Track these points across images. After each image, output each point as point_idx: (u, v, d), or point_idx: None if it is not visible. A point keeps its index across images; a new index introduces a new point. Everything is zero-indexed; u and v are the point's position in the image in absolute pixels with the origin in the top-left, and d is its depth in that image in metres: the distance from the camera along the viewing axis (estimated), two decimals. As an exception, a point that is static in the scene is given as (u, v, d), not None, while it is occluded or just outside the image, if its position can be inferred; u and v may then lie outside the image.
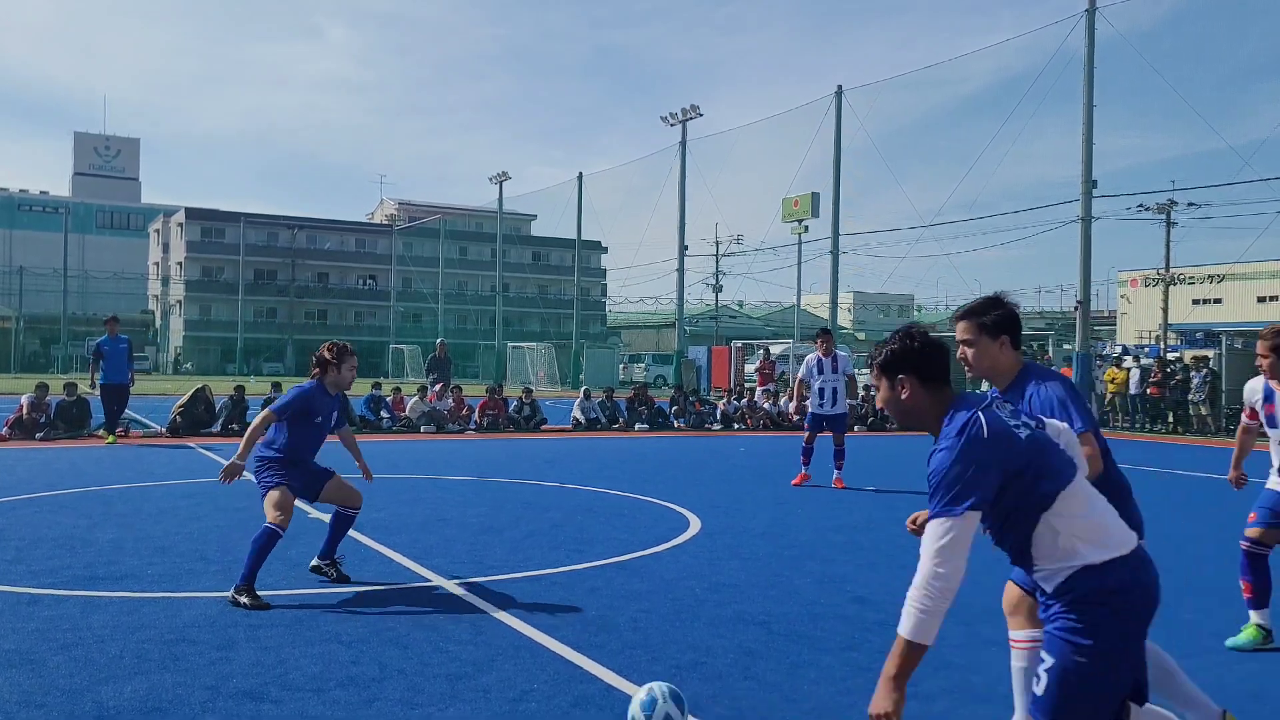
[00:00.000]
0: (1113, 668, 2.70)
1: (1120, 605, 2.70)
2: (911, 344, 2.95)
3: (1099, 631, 2.68)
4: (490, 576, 6.55)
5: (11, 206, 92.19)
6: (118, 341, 16.08)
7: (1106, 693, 2.72)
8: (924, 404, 2.94)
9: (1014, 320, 3.66)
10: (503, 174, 56.41)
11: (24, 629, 5.06)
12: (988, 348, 3.61)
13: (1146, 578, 2.78)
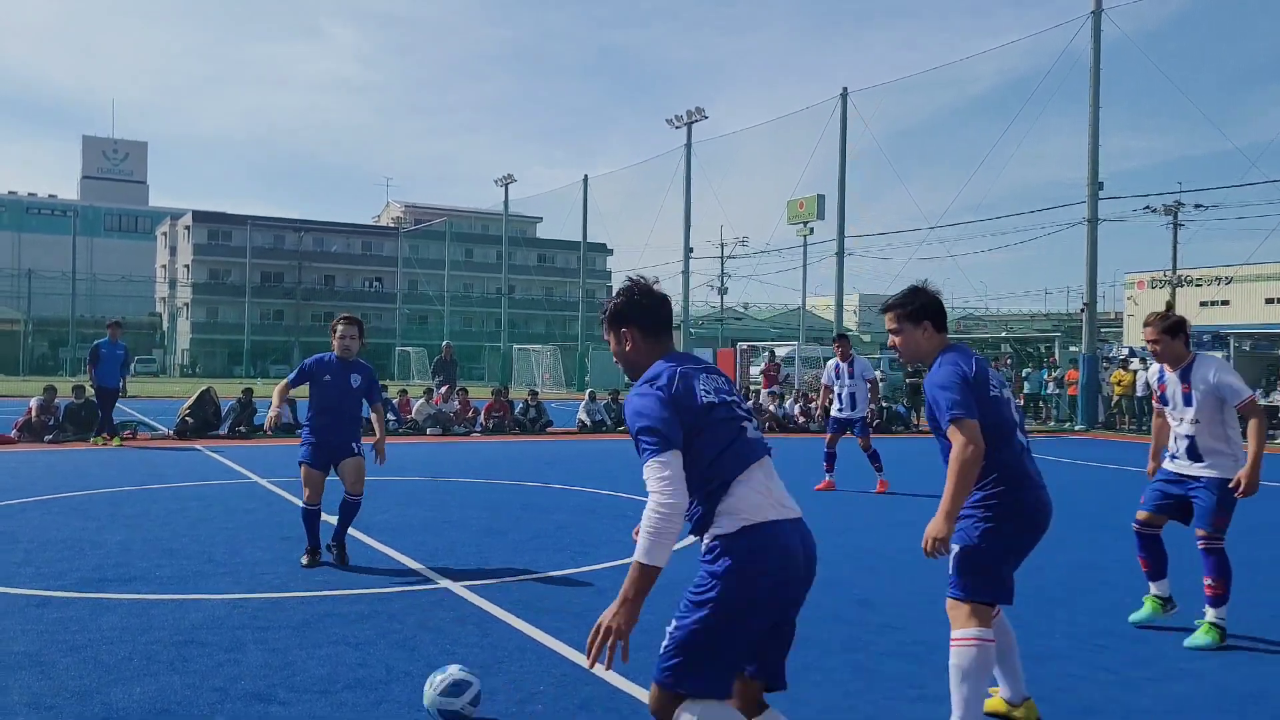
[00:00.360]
0: (728, 629, 2.91)
1: (745, 571, 2.93)
2: (634, 298, 3.19)
3: (721, 594, 2.93)
4: (496, 579, 6.57)
5: (20, 210, 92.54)
6: (115, 347, 16.20)
7: (723, 652, 2.93)
8: (644, 355, 3.15)
9: (934, 307, 4.01)
10: (508, 176, 56.51)
11: (33, 631, 5.10)
12: (911, 334, 3.99)
13: (779, 546, 3.01)
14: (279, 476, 11.98)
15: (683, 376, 3.02)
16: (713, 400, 3.01)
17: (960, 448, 3.64)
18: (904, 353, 4.08)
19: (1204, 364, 5.38)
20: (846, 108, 33.88)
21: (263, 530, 8.30)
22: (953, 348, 3.97)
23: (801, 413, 23.71)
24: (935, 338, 3.98)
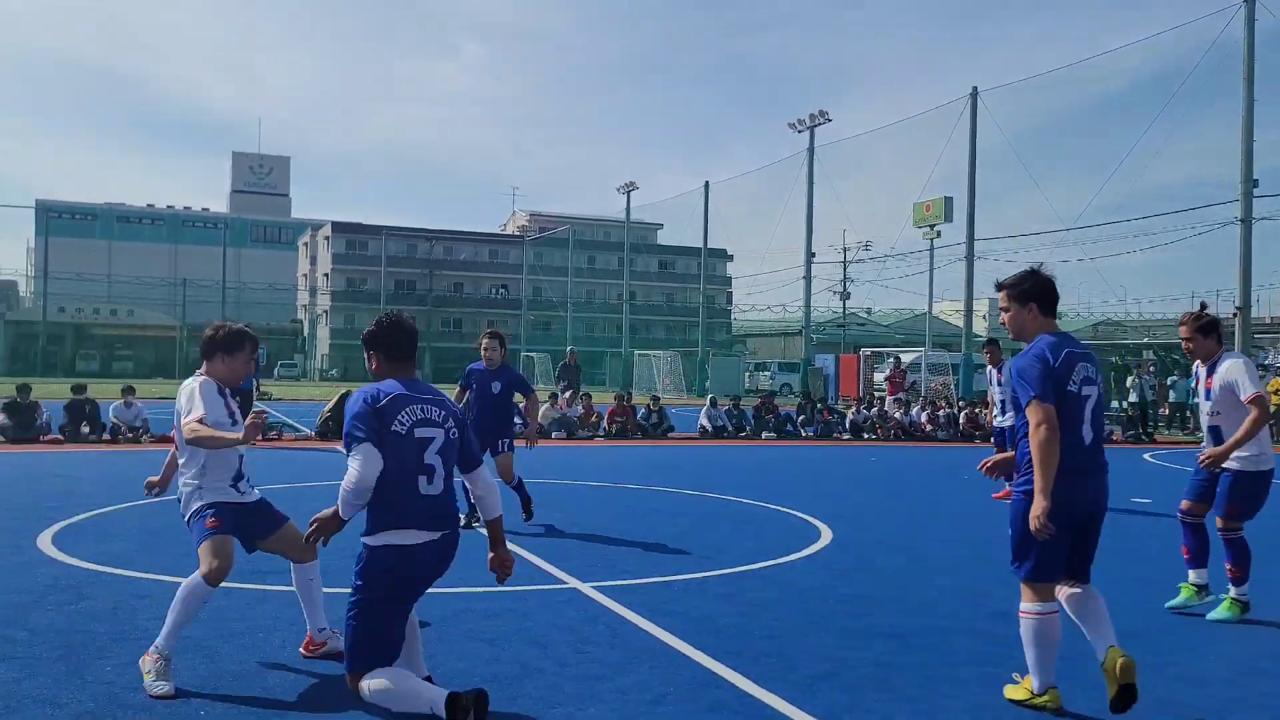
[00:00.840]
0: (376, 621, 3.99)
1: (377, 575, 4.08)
2: (382, 327, 4.17)
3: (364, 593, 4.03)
4: (624, 580, 6.69)
5: (177, 223, 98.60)
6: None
7: (379, 636, 3.99)
8: (383, 375, 4.15)
9: (1043, 290, 4.28)
10: (630, 184, 57.03)
11: (198, 619, 5.44)
12: (1019, 313, 4.30)
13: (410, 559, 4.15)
14: (414, 477, 12.42)
15: (393, 399, 3.98)
16: (399, 431, 3.95)
17: (1034, 428, 4.03)
18: (1011, 331, 4.36)
19: (1223, 361, 5.86)
20: (976, 107, 32.97)
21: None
22: (1054, 334, 4.24)
23: (929, 420, 23.14)
24: (1039, 320, 4.28)
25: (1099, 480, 4.23)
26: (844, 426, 22.65)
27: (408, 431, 3.90)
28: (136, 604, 5.72)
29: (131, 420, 16.91)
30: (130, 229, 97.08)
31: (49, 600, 5.77)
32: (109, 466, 13.03)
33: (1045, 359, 4.09)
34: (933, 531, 9.39)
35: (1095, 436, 4.20)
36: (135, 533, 8.08)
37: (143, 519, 8.80)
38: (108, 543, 7.60)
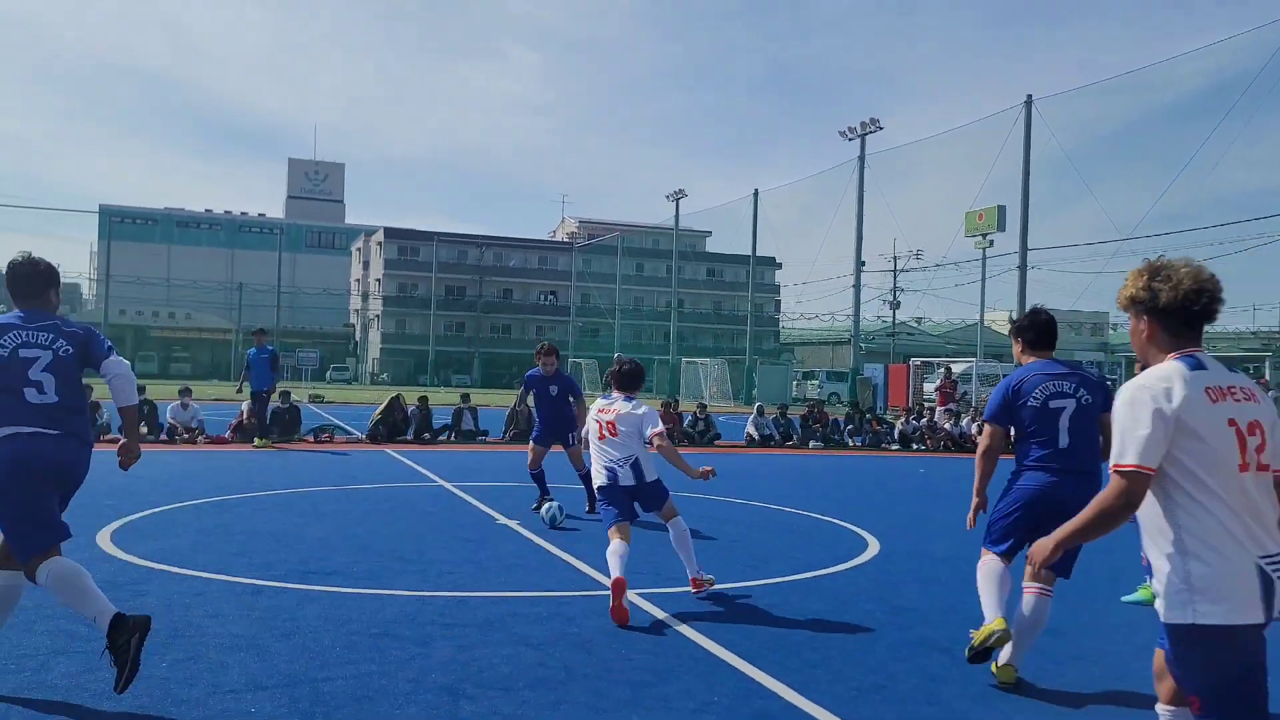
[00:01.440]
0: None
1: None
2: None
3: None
4: (669, 588, 6.68)
5: (234, 228, 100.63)
6: (261, 352, 16.97)
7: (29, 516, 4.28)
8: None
9: (1028, 328, 5.13)
10: (679, 191, 57.10)
11: (249, 616, 5.56)
12: (1016, 347, 5.21)
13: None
14: (462, 481, 12.54)
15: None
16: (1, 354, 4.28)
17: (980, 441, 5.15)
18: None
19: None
20: (1031, 115, 32.52)
21: (447, 531, 8.72)
22: (1039, 363, 5.00)
23: (979, 431, 22.77)
24: (1027, 353, 5.10)
25: (1074, 480, 4.74)
26: (893, 437, 22.41)
27: (10, 354, 4.29)
28: (190, 601, 5.83)
29: (187, 421, 17.26)
30: (189, 233, 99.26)
31: (108, 596, 5.89)
32: (165, 466, 13.31)
33: (1004, 388, 4.99)
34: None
35: (1074, 442, 4.81)
36: (189, 531, 8.24)
37: (196, 518, 8.98)
38: (163, 540, 7.76)
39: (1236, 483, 2.72)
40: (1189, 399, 2.73)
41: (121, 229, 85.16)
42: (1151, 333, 2.93)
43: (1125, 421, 2.78)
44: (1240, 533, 2.70)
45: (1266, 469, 2.78)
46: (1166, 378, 2.78)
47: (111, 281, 72.31)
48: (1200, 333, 2.93)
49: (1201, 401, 2.75)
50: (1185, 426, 2.72)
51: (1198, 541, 2.71)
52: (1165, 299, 2.86)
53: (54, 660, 4.63)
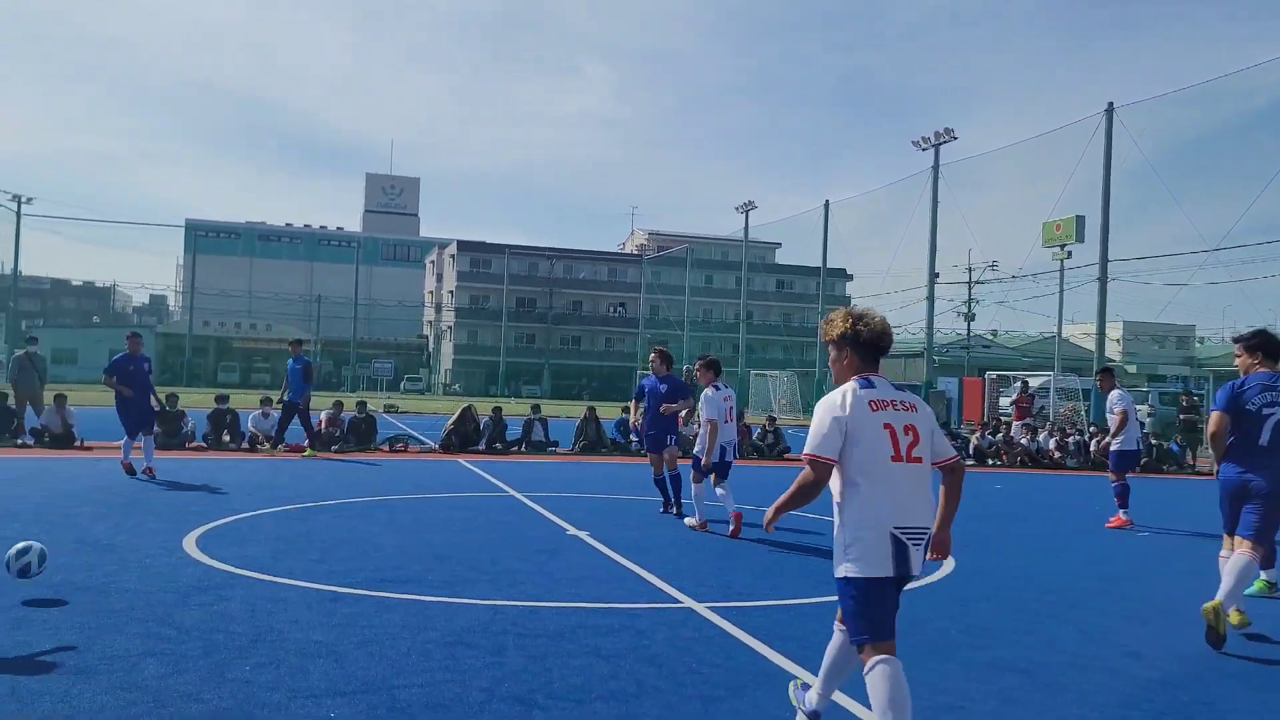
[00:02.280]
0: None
1: None
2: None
3: None
4: (739, 602, 6.66)
5: (314, 242, 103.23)
6: (296, 362, 17.02)
7: None
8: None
9: (1266, 342, 6.67)
10: (749, 203, 56.94)
11: (329, 623, 5.69)
12: (1242, 358, 6.68)
13: None
14: (533, 491, 12.66)
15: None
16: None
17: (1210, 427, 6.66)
18: (1240, 369, 6.70)
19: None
20: (1112, 124, 31.71)
21: (519, 541, 8.82)
22: (1262, 372, 6.53)
23: (1057, 447, 22.27)
24: (1258, 362, 6.60)
25: (1266, 473, 6.26)
26: (967, 452, 22.01)
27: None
28: (271, 607, 5.99)
29: (267, 430, 17.72)
30: (270, 247, 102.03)
31: (193, 600, 6.10)
32: (247, 474, 13.68)
33: (1230, 388, 6.52)
34: (1060, 563, 9.03)
35: (1272, 441, 6.28)
36: (269, 539, 8.46)
37: (277, 525, 9.21)
38: (245, 547, 7.98)
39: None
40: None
41: (206, 243, 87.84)
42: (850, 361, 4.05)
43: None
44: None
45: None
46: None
47: (196, 294, 74.64)
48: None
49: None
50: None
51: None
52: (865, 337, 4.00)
53: (144, 661, 4.79)
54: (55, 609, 5.74)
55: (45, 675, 4.50)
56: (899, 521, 3.69)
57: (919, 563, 3.75)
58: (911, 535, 3.72)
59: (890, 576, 3.68)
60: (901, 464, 3.74)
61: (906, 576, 3.74)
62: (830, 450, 3.74)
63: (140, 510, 9.76)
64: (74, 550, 7.58)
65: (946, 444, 4.00)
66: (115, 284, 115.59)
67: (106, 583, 6.47)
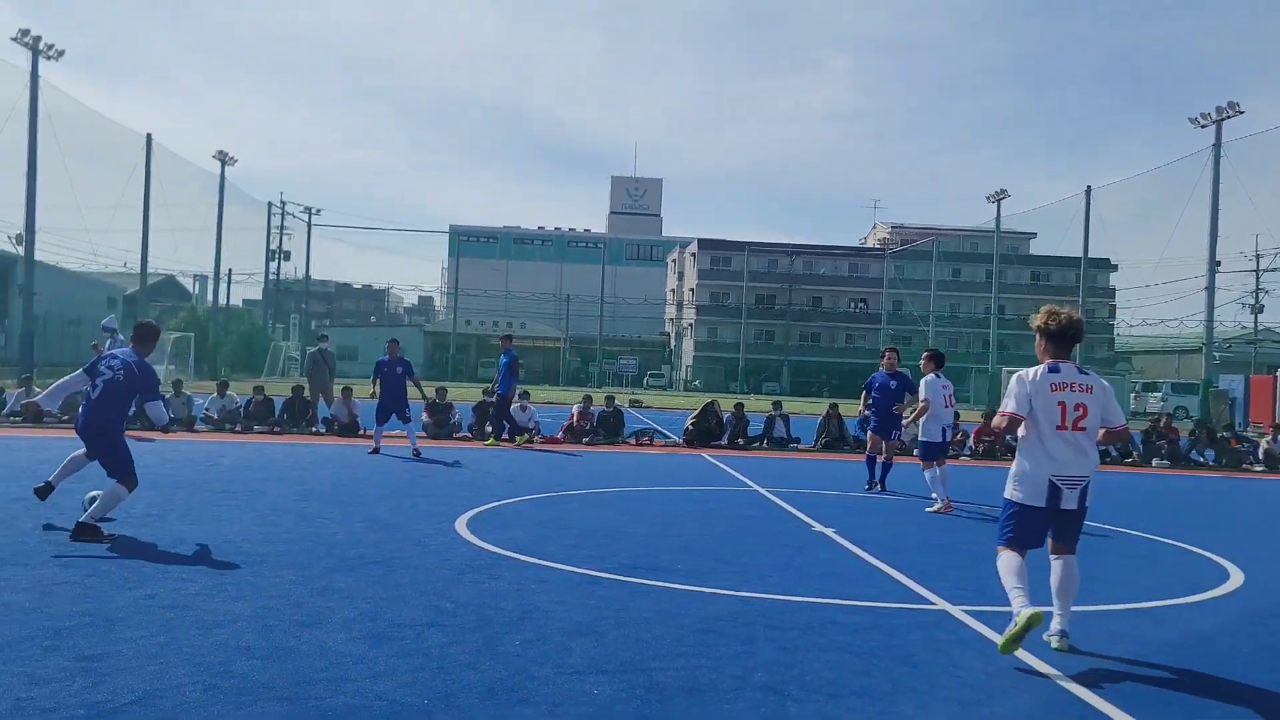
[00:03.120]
0: None
1: None
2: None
3: None
4: (996, 606, 6.38)
5: (563, 243, 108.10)
6: (506, 356, 17.69)
7: None
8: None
9: None
10: (1000, 192, 54.20)
11: (587, 605, 5.99)
12: None
13: None
14: (776, 487, 12.69)
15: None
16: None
17: None
18: None
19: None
20: None
21: (764, 535, 8.88)
22: None
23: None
24: None
25: None
26: (1256, 456, 19.92)
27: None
28: (536, 588, 6.37)
29: (525, 422, 18.75)
30: (524, 249, 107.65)
31: (466, 578, 6.60)
32: (507, 463, 14.56)
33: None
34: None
35: None
36: (531, 523, 8.99)
37: (536, 511, 9.77)
38: (509, 530, 8.52)
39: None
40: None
41: (467, 247, 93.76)
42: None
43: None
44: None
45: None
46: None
47: (459, 295, 79.99)
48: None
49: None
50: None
51: None
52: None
53: (427, 631, 5.24)
54: (352, 580, 6.39)
55: (346, 638, 5.03)
56: (1055, 472, 5.20)
57: (1074, 501, 5.25)
58: (1066, 482, 5.22)
59: (1043, 507, 5.24)
60: (1066, 432, 5.22)
61: (1059, 509, 5.25)
62: (1021, 409, 5.29)
63: (416, 494, 10.63)
64: (364, 528, 8.38)
65: (1118, 414, 5.45)
66: (390, 286, 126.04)
67: (391, 558, 7.13)
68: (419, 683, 4.37)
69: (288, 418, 18.81)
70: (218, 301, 55.78)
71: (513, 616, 5.61)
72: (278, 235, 65.31)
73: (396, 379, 15.35)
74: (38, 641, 4.71)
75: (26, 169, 32.82)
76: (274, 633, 5.05)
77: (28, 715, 3.77)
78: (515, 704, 4.16)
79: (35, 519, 7.98)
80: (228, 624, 5.17)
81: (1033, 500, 5.24)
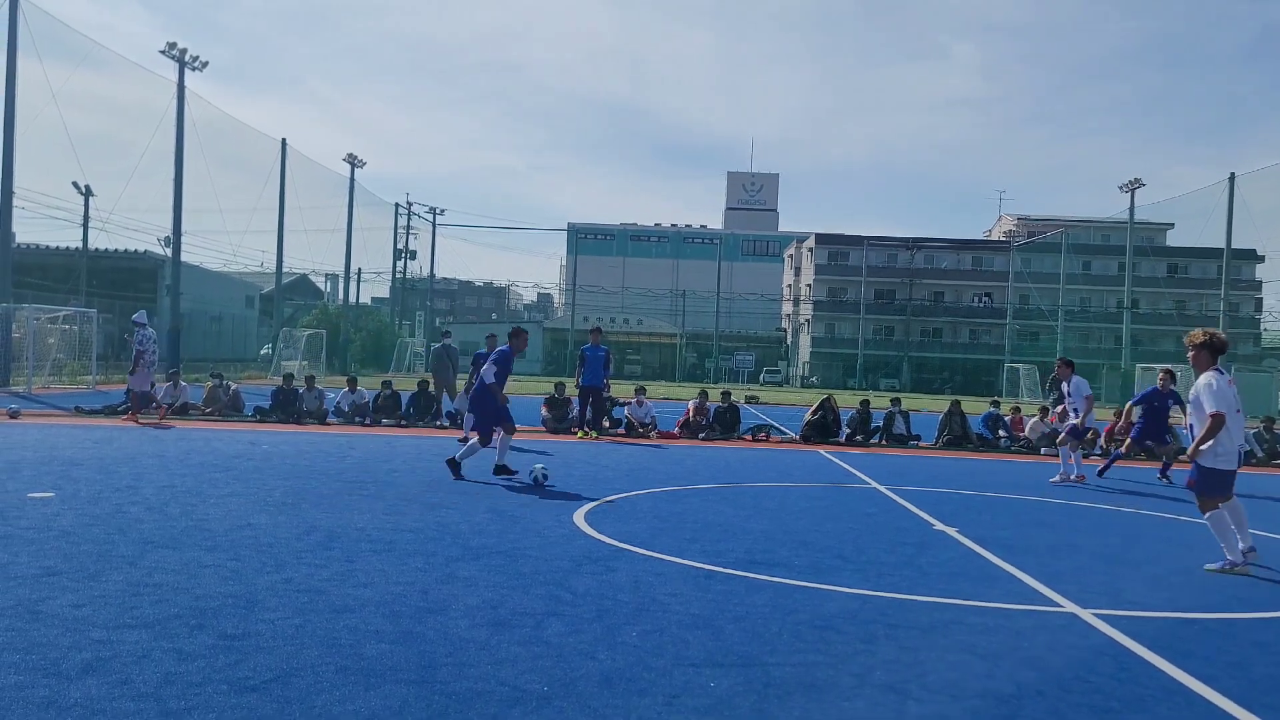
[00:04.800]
0: None
1: None
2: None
3: None
4: (1130, 611, 6.14)
5: (679, 240, 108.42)
6: (597, 350, 17.58)
7: None
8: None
9: None
10: (1135, 180, 51.77)
11: (704, 598, 6.00)
12: None
13: None
14: (895, 484, 12.45)
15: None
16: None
17: None
18: None
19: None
20: None
21: (885, 533, 8.73)
22: None
23: None
24: None
25: None
26: None
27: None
28: (653, 580, 6.42)
29: (642, 417, 18.88)
30: (640, 246, 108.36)
31: (585, 569, 6.70)
32: (625, 457, 14.69)
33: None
34: None
35: None
36: (648, 517, 9.05)
37: (653, 505, 9.83)
38: (626, 524, 8.61)
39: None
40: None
41: (585, 244, 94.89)
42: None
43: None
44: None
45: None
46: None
47: (578, 291, 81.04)
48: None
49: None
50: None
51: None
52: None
53: (547, 620, 5.34)
54: (475, 568, 6.56)
55: (470, 625, 5.17)
56: (1240, 441, 7.59)
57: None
58: (1242, 448, 7.71)
59: (1234, 470, 7.56)
60: (1240, 414, 7.58)
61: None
62: (1225, 408, 7.37)
63: (536, 486, 10.82)
64: (487, 518, 8.59)
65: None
66: (510, 283, 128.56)
67: (514, 548, 7.29)
68: (539, 670, 4.47)
69: (414, 411, 19.42)
70: (348, 299, 57.91)
71: (630, 608, 5.67)
72: (404, 235, 67.42)
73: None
74: (185, 620, 5.01)
75: (174, 175, 34.76)
76: (401, 618, 5.23)
77: (177, 688, 4.01)
78: (633, 694, 4.21)
79: (183, 505, 8.47)
80: (358, 609, 5.39)
81: (1229, 465, 7.55)
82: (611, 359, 18.44)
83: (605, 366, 17.92)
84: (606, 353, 18.06)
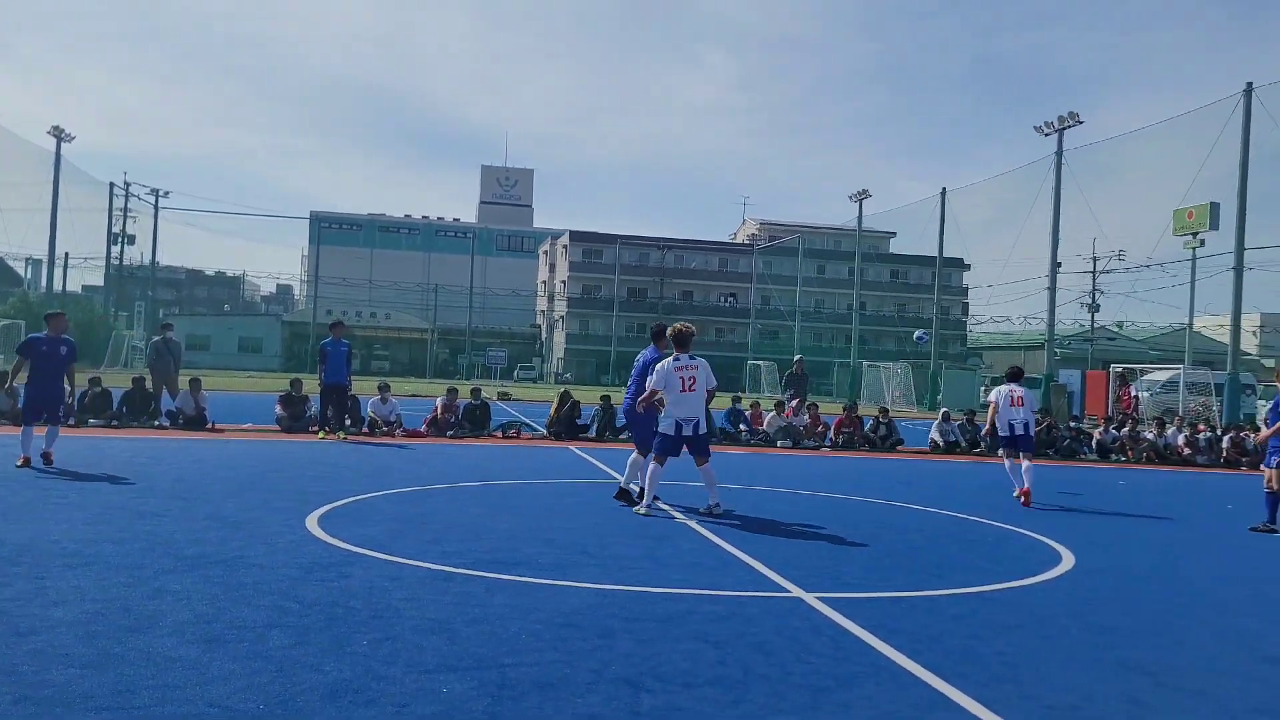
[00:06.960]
0: None
1: None
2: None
3: None
4: (849, 593, 6.55)
5: (431, 232, 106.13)
6: (339, 345, 17.02)
7: None
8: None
9: None
10: (863, 192, 56.01)
11: (441, 601, 5.83)
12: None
13: None
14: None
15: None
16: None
17: None
18: None
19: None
20: (1251, 104, 29.96)
21: (628, 527, 8.87)
22: None
23: (1186, 443, 21.22)
24: None
25: None
26: (1090, 447, 21.18)
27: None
28: (389, 585, 6.16)
29: (386, 415, 18.27)
30: (389, 238, 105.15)
31: (315, 576, 6.33)
32: (365, 457, 14.14)
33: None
34: (1193, 563, 8.61)
35: None
36: (387, 519, 8.72)
37: (393, 507, 9.49)
38: (364, 527, 8.24)
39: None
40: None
41: (330, 234, 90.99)
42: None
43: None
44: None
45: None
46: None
47: (320, 284, 77.49)
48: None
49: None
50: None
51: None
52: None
53: (269, 632, 4.98)
54: (189, 581, 6.04)
55: (178, 643, 4.73)
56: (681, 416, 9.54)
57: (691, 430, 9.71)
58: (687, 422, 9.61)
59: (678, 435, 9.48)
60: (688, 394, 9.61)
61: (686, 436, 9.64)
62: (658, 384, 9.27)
63: (266, 489, 10.18)
64: (206, 525, 7.96)
65: (712, 381, 10.43)
66: (245, 274, 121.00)
67: (235, 557, 6.78)
68: (255, 687, 4.14)
69: (127, 410, 17.78)
70: (52, 287, 52.38)
71: (363, 615, 5.40)
72: (120, 218, 61.76)
73: (60, 362, 11.84)
74: None
75: None
76: (98, 639, 4.71)
77: None
78: (360, 705, 3.99)
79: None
80: (45, 630, 4.80)
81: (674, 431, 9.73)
82: (354, 354, 17.70)
83: (347, 363, 17.16)
84: (349, 348, 17.29)
